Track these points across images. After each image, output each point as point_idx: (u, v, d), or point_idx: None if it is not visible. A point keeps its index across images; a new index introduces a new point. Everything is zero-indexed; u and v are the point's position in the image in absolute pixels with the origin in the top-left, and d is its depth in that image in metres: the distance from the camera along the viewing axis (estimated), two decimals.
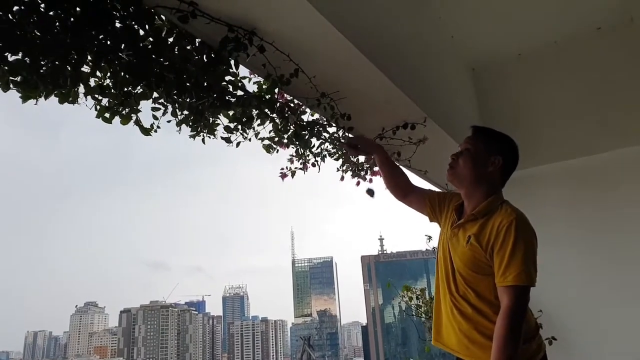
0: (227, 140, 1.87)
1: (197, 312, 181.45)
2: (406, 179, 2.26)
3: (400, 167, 2.32)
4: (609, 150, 3.54)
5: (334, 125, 2.33)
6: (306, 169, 2.27)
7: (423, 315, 4.09)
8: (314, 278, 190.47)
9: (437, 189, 4.06)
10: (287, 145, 2.15)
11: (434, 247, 3.85)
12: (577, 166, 3.70)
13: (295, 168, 2.28)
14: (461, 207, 1.89)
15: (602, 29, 3.68)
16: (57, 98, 1.43)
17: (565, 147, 3.69)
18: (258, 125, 1.99)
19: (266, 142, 2.09)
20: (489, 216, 1.72)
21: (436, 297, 1.92)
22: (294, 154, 2.23)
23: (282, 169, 2.26)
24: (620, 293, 3.41)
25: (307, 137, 2.16)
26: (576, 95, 3.72)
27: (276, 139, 2.11)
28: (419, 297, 4.02)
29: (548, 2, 3.42)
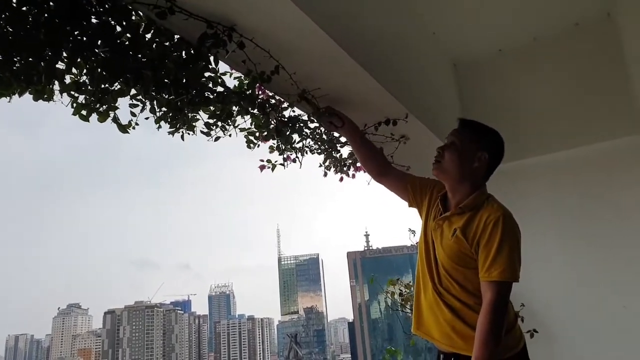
0: (207, 134, 1.86)
1: (182, 312, 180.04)
2: (382, 158, 2.27)
3: (375, 146, 2.30)
4: (590, 143, 3.60)
5: (315, 121, 2.33)
6: (287, 165, 2.27)
7: (408, 309, 4.12)
8: (301, 275, 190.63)
9: None
10: (267, 139, 2.13)
11: (417, 242, 3.88)
12: (558, 159, 3.77)
13: (276, 162, 2.27)
14: (446, 198, 1.90)
15: (579, 25, 3.75)
16: (32, 95, 1.40)
17: (546, 140, 3.75)
18: (238, 121, 1.98)
19: (247, 136, 2.08)
20: (475, 211, 1.74)
21: (416, 287, 1.94)
22: (275, 148, 2.22)
23: (262, 160, 2.24)
24: (602, 286, 3.49)
25: (288, 132, 2.16)
26: (557, 90, 3.78)
27: (257, 133, 2.09)
28: (403, 293, 4.05)
29: None
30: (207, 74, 1.77)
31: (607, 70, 3.60)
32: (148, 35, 1.65)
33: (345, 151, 2.66)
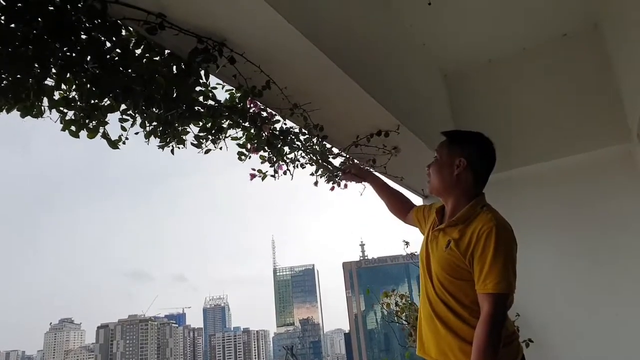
0: (197, 146, 1.85)
1: (177, 325, 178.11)
2: (404, 201, 2.29)
3: (396, 190, 2.35)
4: (580, 152, 3.63)
5: (307, 133, 2.33)
6: (278, 176, 2.26)
7: (403, 320, 4.10)
8: (296, 286, 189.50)
9: (415, 195, 4.12)
10: (259, 150, 2.13)
11: (411, 253, 3.87)
12: (549, 169, 3.80)
13: (266, 172, 2.26)
14: (443, 210, 1.89)
15: (567, 35, 3.80)
16: (19, 112, 1.39)
17: (537, 150, 3.77)
18: (229, 133, 1.97)
19: (238, 149, 2.08)
20: (469, 222, 1.71)
21: (420, 304, 1.90)
22: (266, 159, 2.21)
23: (253, 169, 2.23)
24: (596, 295, 3.49)
25: (280, 145, 2.16)
26: (546, 100, 3.82)
27: (248, 145, 2.09)
28: (398, 303, 4.03)
29: (515, 10, 3.51)
30: (198, 88, 1.77)
31: (595, 80, 3.64)
32: (138, 51, 1.65)
33: (336, 162, 2.67)
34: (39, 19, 1.37)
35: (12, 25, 1.32)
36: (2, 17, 1.30)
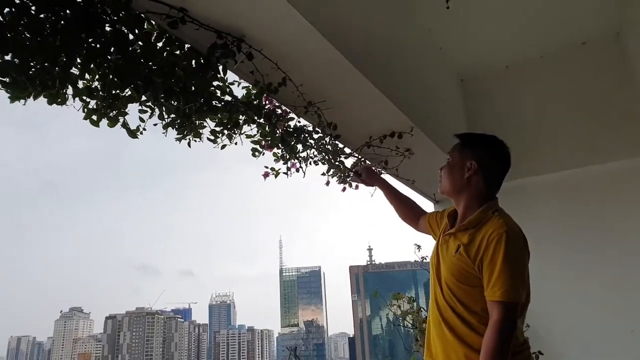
0: (213, 141, 1.89)
1: (183, 320, 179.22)
2: (414, 207, 2.26)
3: (407, 196, 2.33)
4: (595, 164, 3.58)
5: (320, 132, 2.36)
6: (290, 173, 2.29)
7: (410, 325, 4.09)
8: (302, 288, 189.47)
9: (426, 200, 4.11)
10: (272, 147, 2.16)
11: (422, 257, 3.86)
12: (563, 179, 3.74)
13: (279, 170, 2.29)
14: (455, 215, 1.86)
15: (587, 44, 3.77)
16: (46, 99, 1.44)
17: (551, 159, 3.74)
18: (244, 129, 2.01)
19: (252, 145, 2.11)
20: (479, 226, 1.68)
21: (429, 309, 1.88)
22: (279, 157, 2.25)
23: (266, 167, 2.27)
24: (610, 309, 3.41)
25: (293, 142, 2.19)
26: (563, 108, 3.78)
27: (262, 142, 2.12)
28: (407, 308, 4.02)
29: (535, 17, 3.50)
30: (215, 83, 1.81)
31: (615, 90, 3.59)
32: (159, 44, 1.70)
33: (348, 162, 2.69)
34: (67, 10, 1.41)
35: (42, 16, 1.37)
36: (33, 8, 1.35)
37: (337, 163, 2.58)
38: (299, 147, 2.26)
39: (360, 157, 2.83)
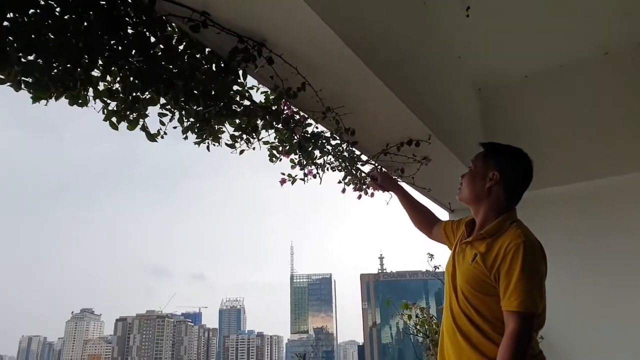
0: (232, 146, 1.89)
1: (193, 324, 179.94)
2: (429, 215, 2.25)
3: (422, 204, 2.32)
4: (614, 175, 3.52)
5: (337, 138, 2.34)
6: (307, 180, 2.28)
7: (421, 334, 4.04)
8: (312, 294, 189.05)
9: (441, 209, 4.07)
10: (290, 153, 2.15)
11: (435, 266, 3.82)
12: (581, 190, 3.69)
13: (296, 176, 2.28)
14: (473, 224, 1.86)
15: (609, 54, 3.70)
16: (67, 100, 1.44)
17: (569, 170, 3.68)
18: (262, 135, 2.00)
19: (270, 150, 2.11)
20: (497, 236, 1.68)
21: (443, 317, 1.88)
22: (296, 162, 2.24)
23: (283, 173, 2.26)
24: (622, 321, 3.36)
25: (310, 148, 2.17)
26: (582, 119, 3.72)
27: (280, 147, 2.12)
28: (419, 315, 3.98)
29: (555, 26, 3.45)
30: (235, 87, 1.81)
31: (635, 101, 3.53)
32: (180, 47, 1.70)
33: (365, 169, 2.67)
34: (91, 12, 1.42)
35: (66, 17, 1.38)
36: (57, 9, 1.36)
37: (353, 170, 2.56)
38: (317, 153, 2.25)
39: (377, 164, 2.81)
